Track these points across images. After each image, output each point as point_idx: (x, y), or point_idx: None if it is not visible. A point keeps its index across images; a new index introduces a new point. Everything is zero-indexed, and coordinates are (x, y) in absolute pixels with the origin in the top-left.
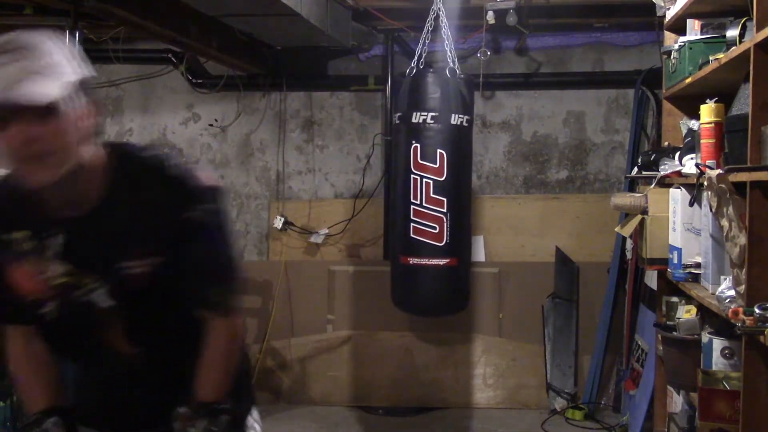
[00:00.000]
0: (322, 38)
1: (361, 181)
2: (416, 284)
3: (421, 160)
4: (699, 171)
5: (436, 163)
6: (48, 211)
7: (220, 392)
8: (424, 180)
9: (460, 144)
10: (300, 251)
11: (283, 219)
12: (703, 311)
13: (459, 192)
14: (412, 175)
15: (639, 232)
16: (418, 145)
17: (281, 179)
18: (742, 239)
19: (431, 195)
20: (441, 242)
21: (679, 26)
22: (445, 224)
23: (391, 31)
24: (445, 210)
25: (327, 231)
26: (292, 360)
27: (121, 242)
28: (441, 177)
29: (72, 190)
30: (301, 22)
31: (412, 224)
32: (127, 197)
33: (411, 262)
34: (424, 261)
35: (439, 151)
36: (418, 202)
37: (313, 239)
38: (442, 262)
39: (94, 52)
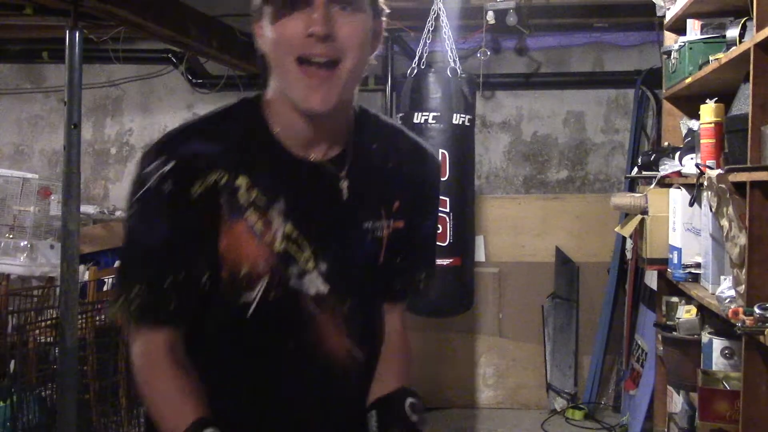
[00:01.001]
0: None
1: None
2: None
3: None
4: (699, 171)
5: None
6: (281, 152)
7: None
8: None
9: (462, 143)
10: None
11: None
12: (703, 311)
13: (462, 191)
14: None
15: (639, 232)
16: None
17: None
18: (742, 239)
19: None
20: (444, 242)
21: (679, 26)
22: (449, 224)
23: (391, 31)
24: (448, 210)
25: None
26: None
27: (367, 198)
28: (444, 177)
29: (323, 125)
30: None
31: None
32: (373, 148)
33: None
34: None
35: (441, 151)
36: None
37: None
38: (446, 261)
39: (94, 52)
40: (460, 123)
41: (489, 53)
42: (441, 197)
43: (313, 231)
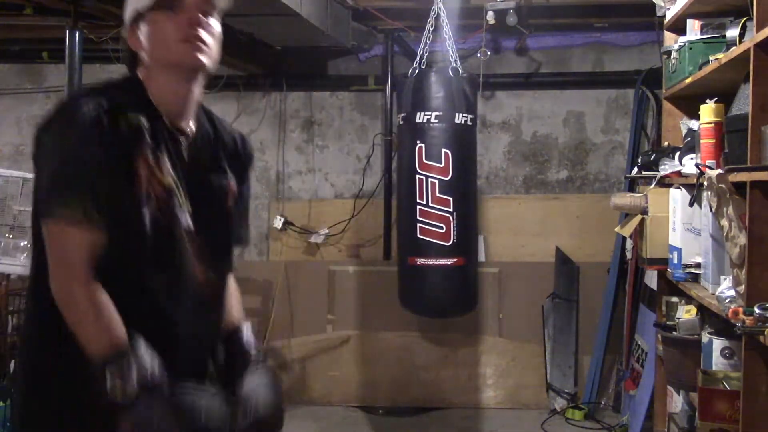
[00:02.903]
0: (322, 38)
1: (361, 181)
2: (424, 285)
3: (426, 159)
4: (699, 171)
5: (441, 163)
6: (161, 117)
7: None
8: (430, 180)
9: (464, 143)
10: (300, 251)
11: (283, 219)
12: (703, 311)
13: (465, 191)
14: (418, 176)
15: (639, 232)
16: (423, 145)
17: (281, 179)
18: (742, 239)
19: (437, 195)
20: (448, 242)
21: (679, 26)
22: (452, 223)
23: (391, 31)
24: (451, 209)
25: (327, 231)
26: (292, 360)
27: (215, 157)
28: (446, 176)
29: (189, 100)
30: (301, 22)
31: (418, 224)
32: (207, 122)
33: (418, 262)
34: (432, 261)
35: (443, 150)
36: (424, 202)
37: (313, 239)
38: (449, 261)
39: (94, 52)
40: (462, 122)
41: (489, 53)
42: (444, 196)
43: (182, 178)
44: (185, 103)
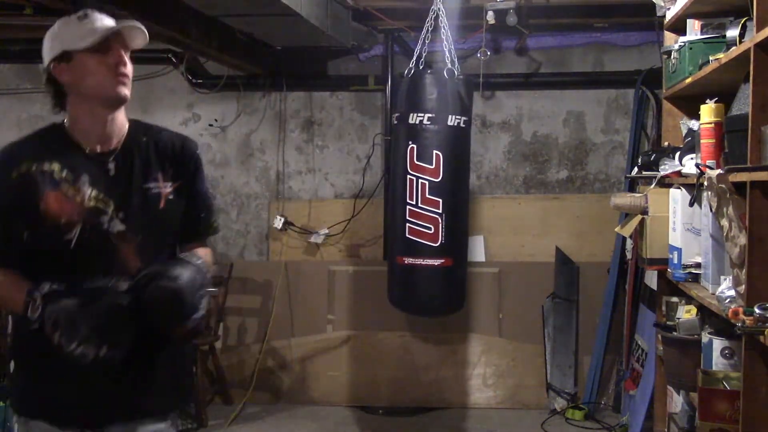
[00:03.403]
0: (322, 38)
1: (361, 181)
2: (412, 284)
3: (417, 161)
4: (699, 171)
5: (431, 164)
6: (80, 149)
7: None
8: (420, 181)
9: (456, 145)
10: (300, 251)
11: (283, 219)
12: (703, 311)
13: (455, 193)
14: (409, 176)
15: (639, 232)
16: (415, 146)
17: (281, 179)
18: (742, 239)
19: (427, 196)
20: (436, 243)
21: (679, 26)
22: (440, 225)
23: (391, 31)
24: (440, 211)
25: (327, 231)
26: (292, 360)
27: (147, 167)
28: (437, 178)
29: (110, 125)
30: (301, 22)
31: (408, 224)
32: (143, 137)
33: (407, 262)
34: (419, 261)
35: (435, 152)
36: (414, 203)
37: (313, 239)
38: (436, 262)
39: None
40: (455, 124)
41: (489, 53)
42: (434, 197)
43: (110, 193)
44: (106, 127)
